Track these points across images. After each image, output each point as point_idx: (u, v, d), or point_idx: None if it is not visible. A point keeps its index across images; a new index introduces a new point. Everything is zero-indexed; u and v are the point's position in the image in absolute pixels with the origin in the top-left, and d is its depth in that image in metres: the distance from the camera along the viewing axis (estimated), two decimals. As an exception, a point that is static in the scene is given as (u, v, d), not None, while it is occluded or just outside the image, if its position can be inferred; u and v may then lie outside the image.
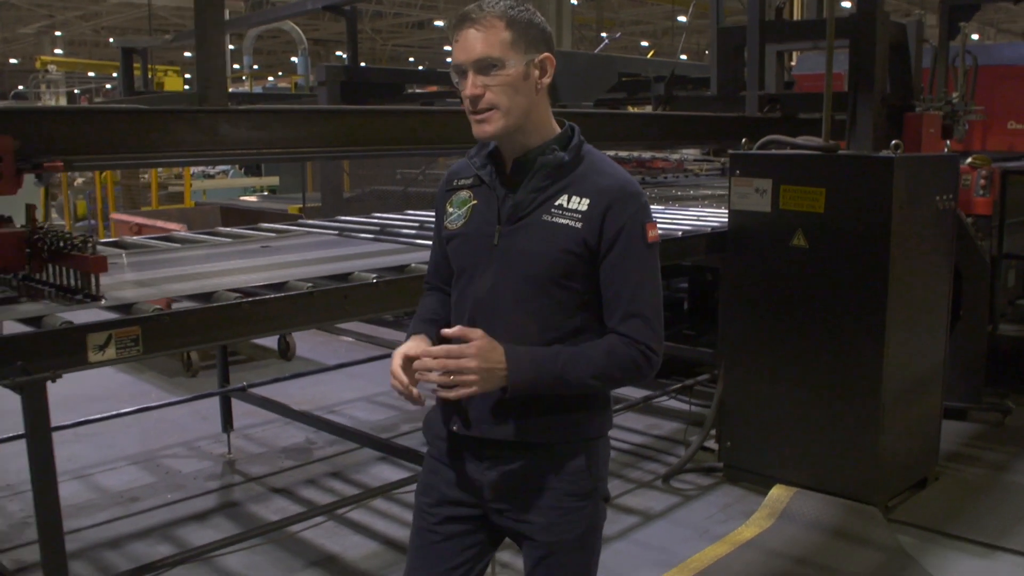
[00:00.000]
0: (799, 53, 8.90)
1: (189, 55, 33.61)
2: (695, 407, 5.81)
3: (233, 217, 8.09)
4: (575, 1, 22.12)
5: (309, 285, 3.21)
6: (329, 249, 4.27)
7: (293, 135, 3.54)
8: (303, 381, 6.31)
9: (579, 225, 2.04)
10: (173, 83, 19.45)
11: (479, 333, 1.99)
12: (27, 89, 27.40)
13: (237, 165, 17.00)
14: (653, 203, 6.10)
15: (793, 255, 4.62)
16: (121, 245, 4.53)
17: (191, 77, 27.60)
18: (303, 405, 5.73)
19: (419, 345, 2.12)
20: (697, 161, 9.60)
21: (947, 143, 5.80)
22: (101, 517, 4.64)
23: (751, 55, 5.92)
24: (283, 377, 5.91)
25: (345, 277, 3.42)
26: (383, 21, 31.83)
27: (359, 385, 6.72)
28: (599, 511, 2.24)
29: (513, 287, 2.09)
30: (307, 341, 7.85)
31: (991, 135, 8.35)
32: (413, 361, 2.06)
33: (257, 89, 19.74)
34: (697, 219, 5.27)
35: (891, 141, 4.58)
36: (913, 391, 4.73)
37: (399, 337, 2.32)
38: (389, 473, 5.12)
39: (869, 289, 4.42)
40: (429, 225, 4.76)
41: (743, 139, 4.96)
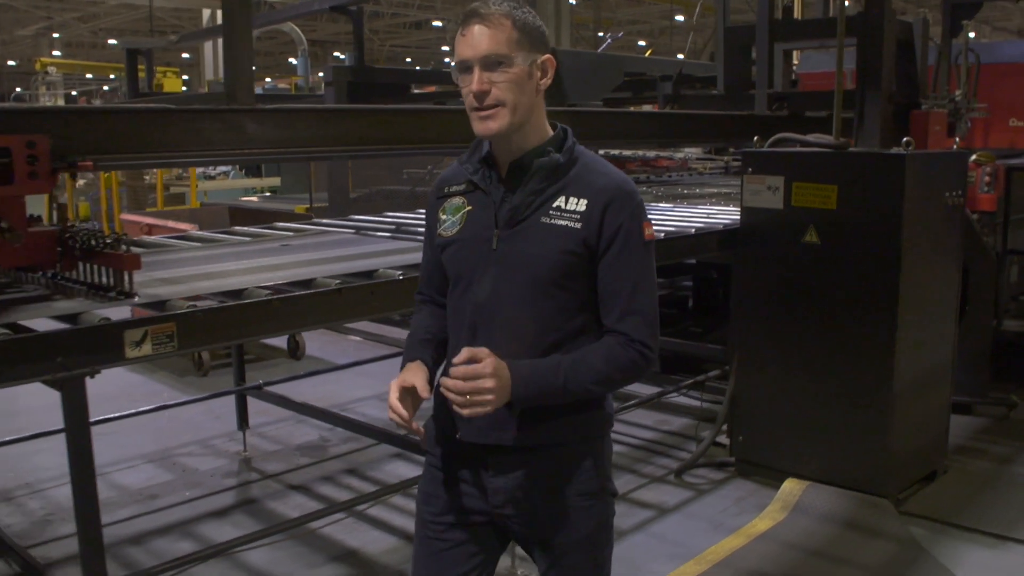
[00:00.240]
0: (799, 52, 8.97)
1: (187, 56, 33.67)
2: (705, 403, 5.86)
3: (241, 217, 8.13)
4: (573, 1, 22.15)
5: (337, 282, 3.26)
6: (348, 247, 4.32)
7: (319, 134, 3.60)
8: (314, 380, 6.35)
9: (578, 226, 2.05)
10: (172, 84, 19.44)
11: (487, 352, 1.98)
12: (25, 91, 27.42)
13: (238, 166, 17.07)
14: (662, 201, 6.19)
15: (805, 251, 4.68)
16: (139, 244, 4.57)
17: (188, 78, 27.65)
18: (316, 403, 5.77)
19: (415, 376, 2.11)
20: (700, 160, 9.65)
21: (956, 140, 5.85)
22: (122, 514, 4.68)
23: (760, 54, 5.98)
24: (298, 375, 5.96)
25: (370, 274, 3.47)
26: (381, 21, 31.86)
27: (369, 383, 6.76)
28: (609, 508, 2.25)
29: (514, 291, 2.08)
30: (316, 340, 7.89)
31: (992, 132, 8.42)
32: (409, 392, 2.06)
33: (257, 90, 19.77)
34: (708, 216, 5.33)
35: (898, 138, 4.64)
36: (923, 385, 4.79)
37: (406, 336, 2.33)
38: (404, 470, 5.17)
39: (881, 284, 4.49)
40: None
41: (755, 137, 5.01)
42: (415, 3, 29.00)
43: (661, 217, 5.25)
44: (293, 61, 36.52)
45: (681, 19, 28.40)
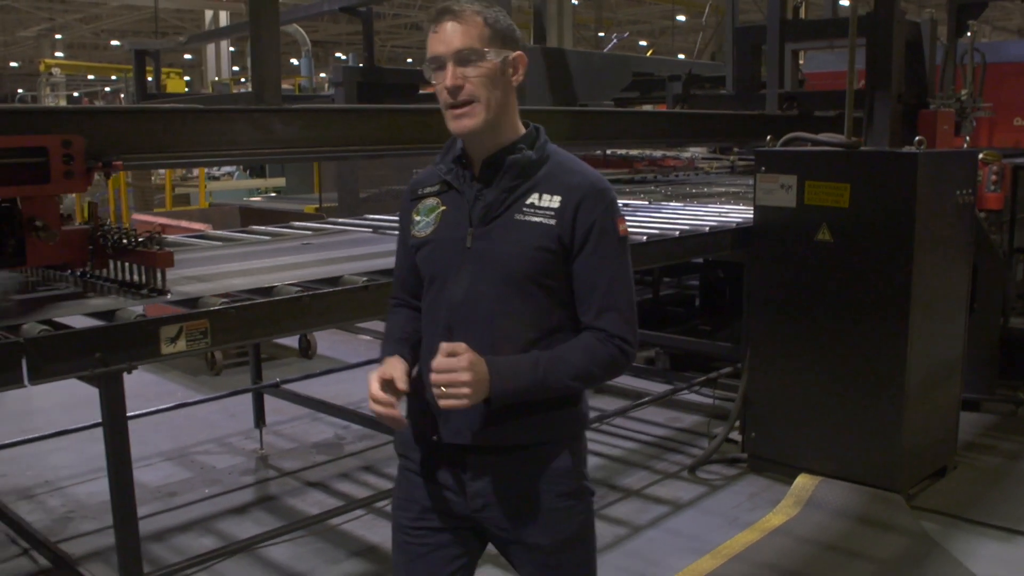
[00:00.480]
0: (803, 52, 9.03)
1: (190, 57, 33.73)
2: (717, 400, 5.92)
3: (252, 217, 8.18)
4: (575, 1, 22.22)
5: (364, 279, 3.32)
6: (368, 246, 4.37)
7: (344, 134, 3.65)
8: (327, 378, 6.40)
9: (552, 222, 2.05)
10: (176, 85, 19.50)
11: (465, 347, 1.96)
12: (27, 92, 27.45)
13: (242, 167, 17.11)
14: (672, 200, 6.24)
15: (818, 249, 4.74)
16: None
17: (190, 79, 27.68)
18: (330, 402, 5.83)
19: (393, 368, 2.10)
20: (706, 159, 9.71)
21: (967, 139, 5.91)
22: (143, 511, 4.69)
23: (771, 54, 6.03)
24: (313, 374, 6.02)
25: (395, 272, 3.52)
26: (382, 22, 31.89)
27: (382, 382, 6.80)
28: (589, 508, 2.23)
29: (489, 288, 2.07)
30: (326, 340, 7.95)
31: (997, 131, 8.49)
32: (389, 384, 2.05)
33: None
34: (720, 215, 5.38)
35: (906, 137, 4.70)
36: (934, 382, 4.85)
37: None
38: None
39: (893, 282, 4.54)
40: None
41: (768, 136, 5.07)
42: (416, 4, 29.04)
43: (673, 216, 5.32)
44: (295, 62, 36.54)
45: (683, 19, 28.46)
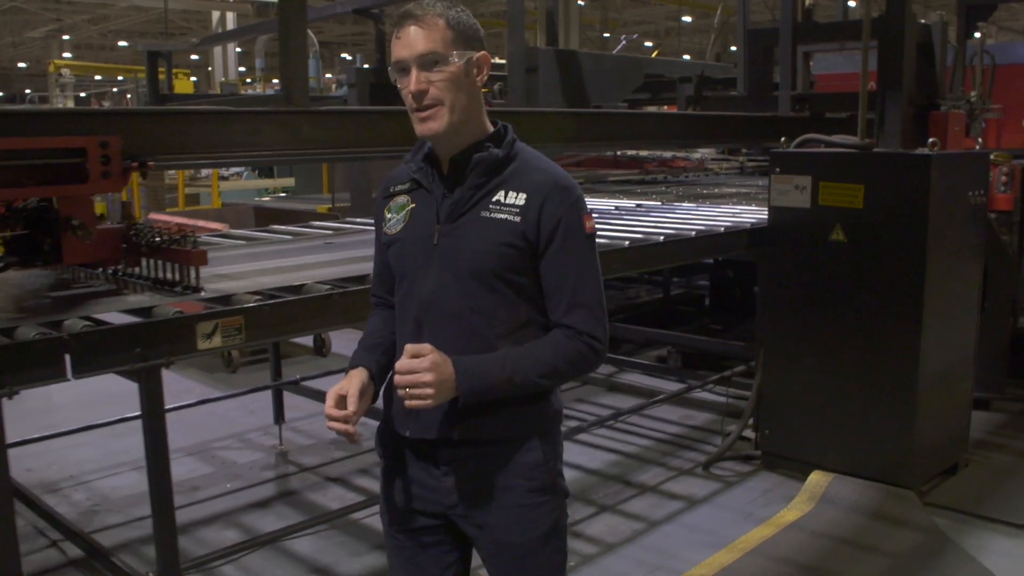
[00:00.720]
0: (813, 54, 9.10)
1: (196, 57, 33.83)
2: (731, 399, 5.98)
3: (266, 217, 8.26)
4: (582, 2, 22.27)
5: (392, 278, 3.38)
6: (389, 245, 4.43)
7: (367, 135, 3.73)
8: (341, 376, 6.46)
9: (517, 219, 2.06)
10: (183, 86, 19.59)
11: (429, 348, 1.99)
12: (34, 92, 27.55)
13: (251, 167, 17.21)
14: (684, 201, 6.31)
15: (832, 249, 4.80)
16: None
17: (197, 80, 27.79)
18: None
19: (351, 383, 2.11)
20: (715, 160, 9.77)
21: (979, 140, 5.97)
22: (166, 505, 4.80)
23: (783, 56, 6.10)
24: (333, 371, 6.08)
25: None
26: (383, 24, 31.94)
27: (396, 380, 6.87)
28: (562, 507, 2.23)
29: (456, 285, 2.09)
30: (340, 339, 8.01)
31: (1006, 132, 8.55)
32: (345, 400, 2.06)
33: (269, 92, 19.89)
34: (733, 216, 5.45)
35: (917, 139, 4.76)
36: (946, 380, 4.92)
37: None
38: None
39: (906, 282, 4.60)
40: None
41: (781, 138, 5.14)
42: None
43: (687, 216, 5.38)
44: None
45: (689, 20, 28.51)
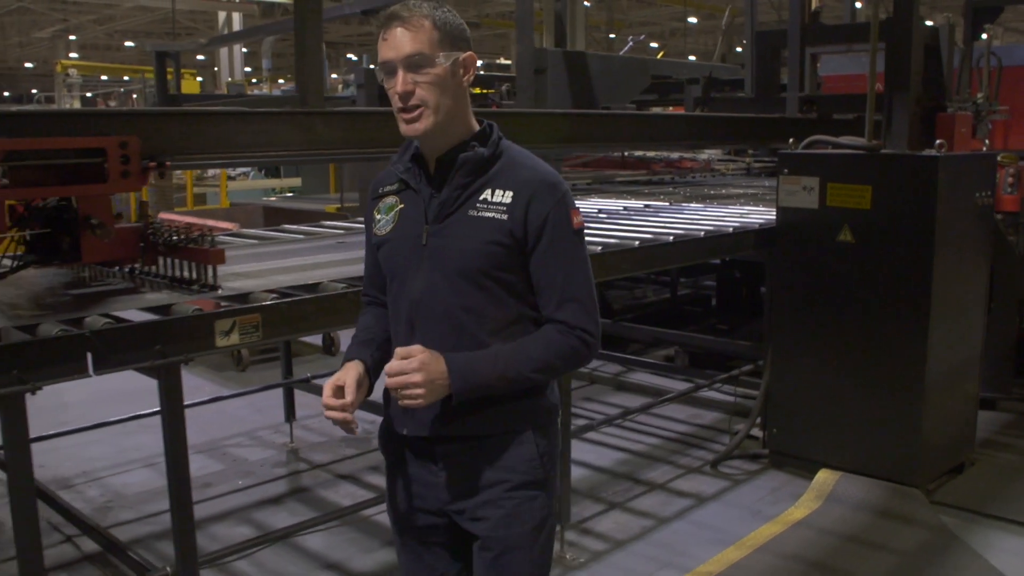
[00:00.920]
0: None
1: (202, 57, 33.90)
2: (738, 398, 6.02)
3: (275, 216, 8.31)
4: (587, 3, 22.32)
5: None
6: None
7: (381, 135, 3.76)
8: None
9: (504, 217, 2.08)
10: (190, 86, 19.65)
11: (419, 349, 2.02)
12: (40, 92, 27.62)
13: (258, 167, 17.26)
14: (692, 202, 6.34)
15: (840, 250, 4.84)
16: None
17: (203, 80, 27.88)
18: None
19: (347, 374, 2.14)
20: (721, 161, 9.80)
21: (986, 142, 6.00)
22: (179, 501, 4.85)
23: (792, 58, 6.13)
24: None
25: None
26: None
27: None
28: (548, 506, 2.24)
29: (446, 284, 2.11)
30: (348, 338, 8.05)
31: (1012, 134, 8.54)
32: (342, 390, 2.09)
33: (276, 92, 19.95)
34: (741, 216, 5.49)
35: (925, 140, 4.79)
36: (952, 380, 4.95)
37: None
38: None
39: (914, 282, 4.64)
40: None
41: (790, 139, 5.17)
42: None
43: (695, 217, 5.43)
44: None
45: (694, 21, 28.53)
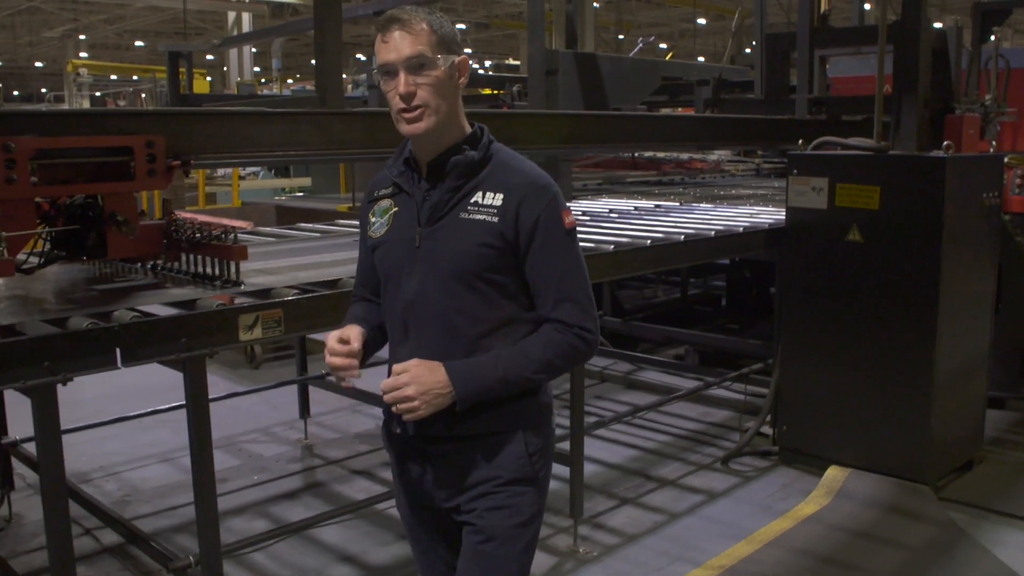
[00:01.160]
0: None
1: (211, 57, 34.03)
2: (749, 396, 6.07)
3: (288, 215, 8.38)
4: (597, 4, 22.38)
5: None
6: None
7: (397, 136, 3.81)
8: (366, 371, 6.52)
9: (495, 220, 2.11)
10: (200, 85, 19.74)
11: (414, 363, 2.07)
12: (50, 92, 27.78)
13: (268, 167, 17.37)
14: (702, 202, 6.40)
15: (849, 249, 4.90)
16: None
17: (212, 79, 28.01)
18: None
19: (352, 330, 2.21)
20: (731, 162, 9.85)
21: (992, 143, 6.05)
22: (197, 495, 4.92)
23: (801, 60, 6.18)
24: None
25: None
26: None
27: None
28: (535, 504, 2.25)
29: (439, 286, 2.14)
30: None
31: (1021, 135, 8.58)
32: (347, 343, 2.17)
33: (286, 92, 20.04)
34: (751, 216, 5.55)
35: (933, 142, 4.84)
36: (960, 378, 5.00)
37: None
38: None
39: (922, 281, 4.69)
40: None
41: (799, 140, 5.23)
42: (438, 6, 29.28)
43: (706, 217, 5.48)
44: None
45: (703, 22, 28.56)
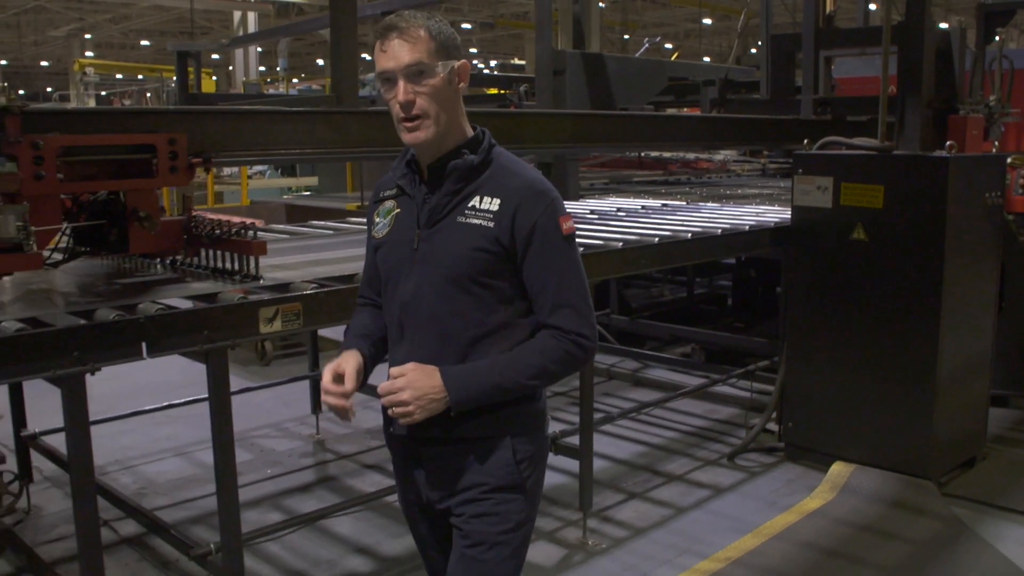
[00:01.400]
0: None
1: (216, 57, 34.11)
2: (754, 393, 6.14)
3: (297, 214, 8.47)
4: (602, 4, 22.44)
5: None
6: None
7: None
8: (377, 368, 6.65)
9: (491, 224, 2.12)
10: (206, 85, 19.81)
11: (410, 367, 2.10)
12: (55, 91, 27.86)
13: (277, 165, 17.45)
14: (709, 201, 6.47)
15: (853, 248, 4.97)
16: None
17: (217, 79, 28.11)
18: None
19: (347, 362, 2.21)
20: (737, 162, 9.92)
21: (995, 144, 6.11)
22: (211, 489, 4.91)
23: (806, 61, 6.25)
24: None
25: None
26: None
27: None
28: (522, 510, 2.25)
29: (435, 288, 2.16)
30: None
31: (1024, 136, 8.64)
32: (342, 378, 2.17)
33: (292, 91, 20.12)
34: (757, 215, 5.62)
35: (936, 142, 4.91)
36: (964, 376, 5.07)
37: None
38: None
39: (925, 279, 4.76)
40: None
41: (804, 140, 5.30)
42: (443, 6, 29.32)
43: (712, 215, 5.56)
44: (320, 62, 36.94)
45: (708, 22, 28.62)
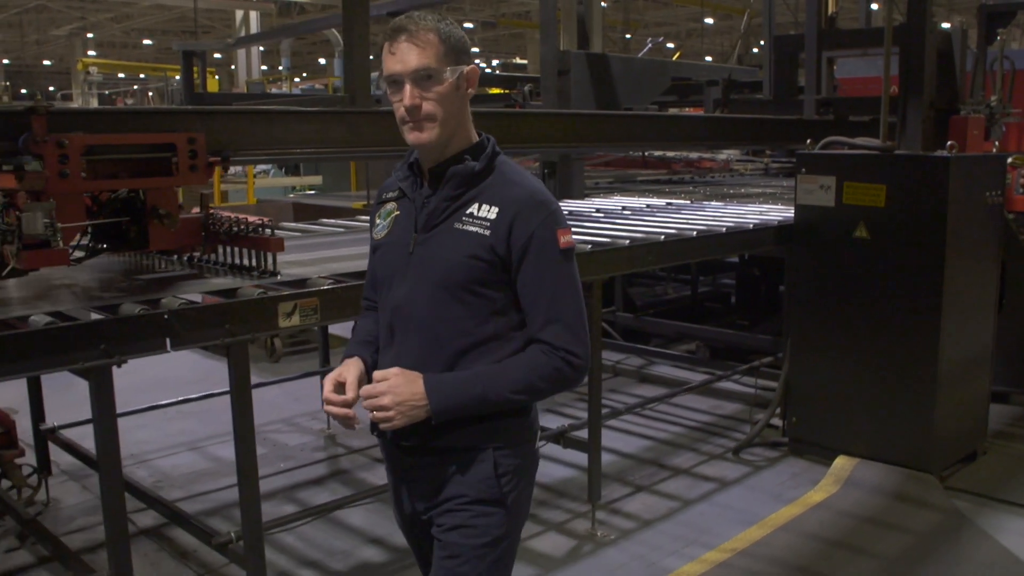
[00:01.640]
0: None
1: (218, 56, 34.19)
2: (759, 389, 6.22)
3: (304, 212, 8.55)
4: (604, 3, 22.52)
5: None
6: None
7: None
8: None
9: (487, 233, 2.08)
10: (210, 84, 19.86)
11: (394, 372, 2.06)
12: (57, 90, 27.96)
13: (278, 164, 17.54)
14: (713, 200, 6.55)
15: (856, 246, 5.05)
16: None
17: (219, 78, 28.19)
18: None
19: (348, 371, 2.19)
20: (740, 161, 10.00)
21: (996, 143, 6.19)
22: (225, 482, 5.09)
23: (808, 62, 6.33)
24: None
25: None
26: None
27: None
28: (502, 525, 2.20)
29: (426, 293, 2.13)
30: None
31: (1025, 136, 8.72)
32: (343, 386, 2.15)
33: (296, 91, 20.22)
34: (760, 214, 5.71)
35: (938, 142, 4.99)
36: (965, 372, 5.15)
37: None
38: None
39: (926, 277, 4.84)
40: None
41: (807, 140, 5.38)
42: (445, 5, 29.40)
43: (716, 214, 5.64)
44: (322, 61, 37.01)
45: (710, 22, 28.70)
